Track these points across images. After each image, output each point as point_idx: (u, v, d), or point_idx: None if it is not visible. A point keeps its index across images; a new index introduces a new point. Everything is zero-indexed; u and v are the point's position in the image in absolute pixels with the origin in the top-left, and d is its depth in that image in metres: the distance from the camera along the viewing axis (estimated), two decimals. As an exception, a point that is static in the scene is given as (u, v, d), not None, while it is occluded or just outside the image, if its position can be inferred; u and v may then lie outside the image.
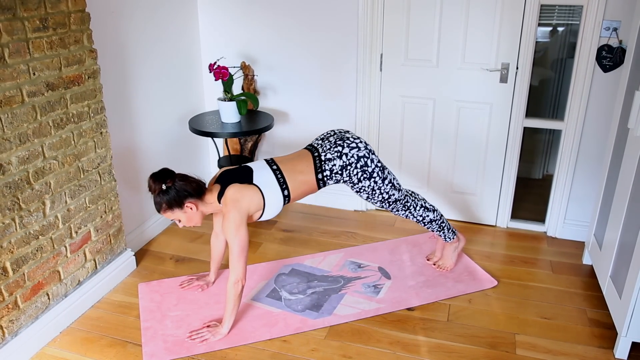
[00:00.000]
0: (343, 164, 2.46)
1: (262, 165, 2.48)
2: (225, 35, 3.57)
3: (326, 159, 2.47)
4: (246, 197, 2.35)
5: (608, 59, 2.88)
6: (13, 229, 2.18)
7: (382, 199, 2.59)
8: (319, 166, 2.47)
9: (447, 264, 2.93)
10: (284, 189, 2.44)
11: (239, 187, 2.37)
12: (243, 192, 2.35)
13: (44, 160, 2.29)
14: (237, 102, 3.22)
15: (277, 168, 2.46)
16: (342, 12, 3.26)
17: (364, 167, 2.47)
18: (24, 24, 2.10)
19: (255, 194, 2.38)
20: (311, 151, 2.53)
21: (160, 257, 3.12)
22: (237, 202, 2.33)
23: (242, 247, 2.32)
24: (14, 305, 2.24)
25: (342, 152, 2.46)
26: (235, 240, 2.31)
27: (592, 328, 2.51)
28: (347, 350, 2.37)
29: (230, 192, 2.36)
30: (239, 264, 2.33)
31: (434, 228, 2.81)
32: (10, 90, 2.08)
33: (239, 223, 2.31)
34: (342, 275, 2.92)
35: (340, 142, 2.49)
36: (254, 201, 2.37)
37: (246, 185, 2.38)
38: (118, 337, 2.44)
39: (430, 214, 2.75)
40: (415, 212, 2.73)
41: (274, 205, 2.44)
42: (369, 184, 2.51)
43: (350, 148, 2.47)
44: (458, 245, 2.94)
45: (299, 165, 2.47)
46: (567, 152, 3.15)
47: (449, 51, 3.18)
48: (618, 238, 2.45)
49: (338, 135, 2.56)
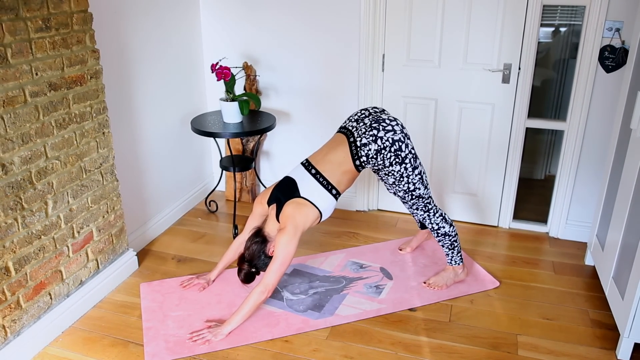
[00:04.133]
0: (378, 147, 2.40)
1: (302, 173, 2.47)
2: (227, 36, 3.58)
3: (362, 144, 2.41)
4: (302, 214, 2.39)
5: (610, 60, 2.88)
6: (15, 229, 2.18)
7: (407, 188, 2.53)
8: (355, 152, 2.42)
9: (440, 283, 2.77)
10: (331, 189, 2.44)
11: (297, 205, 2.40)
12: (300, 210, 2.39)
13: (46, 160, 2.30)
14: (239, 103, 3.22)
15: (316, 172, 2.45)
16: (344, 12, 3.26)
17: (397, 151, 2.41)
18: (26, 24, 2.11)
19: (311, 210, 2.41)
20: (346, 135, 2.48)
21: (162, 257, 3.12)
22: (294, 218, 2.38)
23: (284, 262, 2.35)
24: (16, 305, 2.24)
25: (378, 136, 2.39)
26: (281, 253, 2.34)
27: (594, 329, 2.51)
28: (349, 350, 2.37)
29: (288, 209, 2.40)
30: (274, 275, 2.35)
31: (445, 243, 2.72)
32: (12, 90, 2.08)
33: (292, 237, 2.35)
34: (344, 275, 2.92)
35: (376, 124, 2.42)
36: (310, 218, 2.41)
37: (302, 202, 2.40)
38: (120, 337, 2.45)
39: (447, 226, 2.68)
40: (433, 217, 2.65)
41: (328, 209, 2.48)
42: (398, 169, 2.46)
43: (385, 131, 2.40)
44: (460, 273, 2.81)
45: (336, 157, 2.45)
46: (569, 153, 3.15)
47: (451, 51, 3.18)
48: (620, 239, 2.44)
49: (373, 116, 2.48)
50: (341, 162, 2.44)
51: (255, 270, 2.47)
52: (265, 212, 2.56)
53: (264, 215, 2.57)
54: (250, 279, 2.48)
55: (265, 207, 2.55)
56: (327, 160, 2.46)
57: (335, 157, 2.45)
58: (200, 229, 3.45)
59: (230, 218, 3.61)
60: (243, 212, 3.65)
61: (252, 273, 2.47)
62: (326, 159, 2.47)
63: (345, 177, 2.47)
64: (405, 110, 3.40)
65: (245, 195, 3.84)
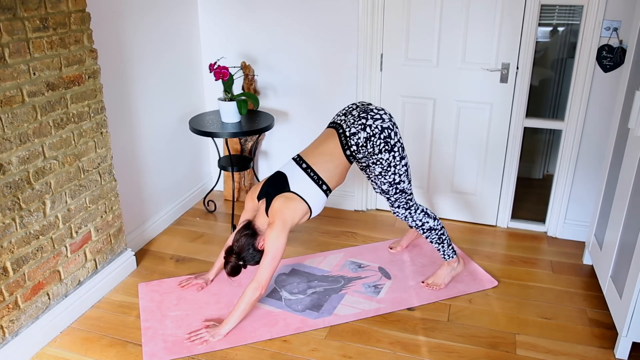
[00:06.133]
0: (367, 135, 2.42)
1: (293, 168, 2.48)
2: (225, 35, 3.57)
3: (351, 133, 2.43)
4: (290, 209, 2.38)
5: (608, 59, 2.88)
6: (13, 229, 2.18)
7: (392, 180, 2.53)
8: (345, 143, 2.43)
9: (439, 282, 2.77)
10: (321, 185, 2.44)
11: (285, 199, 2.40)
12: (288, 204, 2.39)
13: (44, 160, 2.29)
14: (237, 102, 3.22)
15: (307, 166, 2.45)
16: (342, 12, 3.26)
17: (387, 138, 2.43)
18: (24, 24, 2.10)
19: (299, 204, 2.40)
20: (335, 128, 2.49)
21: (161, 257, 3.12)
22: (282, 213, 2.37)
23: (275, 256, 2.35)
24: (15, 305, 2.24)
25: (366, 124, 2.42)
26: (272, 247, 2.34)
27: (592, 328, 2.51)
28: (347, 350, 2.37)
29: (277, 203, 2.39)
30: (267, 270, 2.35)
31: (432, 238, 2.72)
32: (10, 90, 2.08)
33: (281, 231, 2.34)
34: (342, 275, 2.92)
35: (364, 114, 2.44)
36: (298, 212, 2.41)
37: (291, 196, 2.40)
38: (118, 337, 2.44)
39: (431, 220, 2.68)
40: (415, 214, 2.67)
41: (318, 205, 2.48)
42: (387, 157, 2.47)
43: (374, 120, 2.42)
44: (456, 267, 2.81)
45: (327, 149, 2.46)
46: (567, 152, 3.15)
47: (450, 51, 3.18)
48: (618, 238, 2.44)
49: (361, 108, 2.50)
50: (332, 154, 2.45)
51: (243, 264, 2.44)
52: (256, 207, 2.56)
53: (255, 210, 2.56)
54: (237, 271, 2.45)
55: (256, 202, 2.54)
56: (318, 153, 2.46)
57: (326, 149, 2.46)
58: (198, 229, 3.45)
59: (229, 218, 3.61)
60: (241, 212, 3.64)
61: (239, 266, 2.44)
62: (317, 152, 2.47)
63: (337, 171, 2.47)
64: (404, 109, 3.40)
65: (244, 195, 3.84)
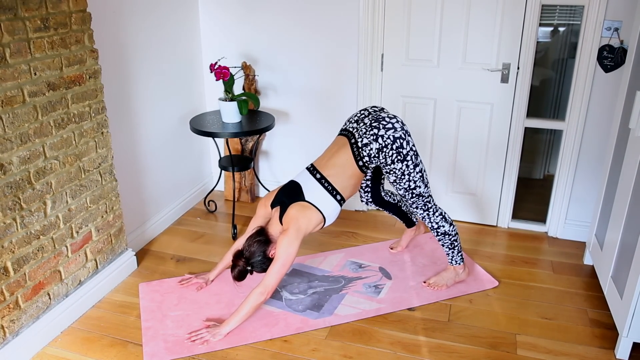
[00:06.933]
0: (379, 146, 2.40)
1: (307, 178, 2.48)
2: (226, 35, 3.57)
3: (363, 145, 2.42)
4: (306, 217, 2.39)
5: (609, 59, 2.88)
6: (14, 229, 2.18)
7: (407, 186, 2.52)
8: (357, 154, 2.43)
9: (440, 283, 2.77)
10: (335, 195, 2.45)
11: (301, 207, 2.41)
12: (304, 212, 2.39)
13: (45, 160, 2.30)
14: (238, 102, 3.22)
15: (321, 177, 2.46)
16: (343, 12, 3.26)
17: (399, 148, 2.42)
18: (25, 24, 2.10)
19: (314, 214, 2.41)
20: (347, 137, 2.49)
21: (161, 257, 3.12)
22: (297, 220, 2.38)
23: (286, 262, 2.35)
24: (15, 305, 2.24)
25: (378, 135, 2.40)
26: (283, 254, 2.34)
27: (593, 328, 2.51)
28: (348, 350, 2.37)
29: (292, 211, 2.40)
30: (274, 276, 2.35)
31: (445, 242, 2.71)
32: (11, 90, 2.08)
33: (294, 238, 2.35)
34: (342, 275, 2.92)
35: (376, 123, 2.43)
36: (313, 221, 2.41)
37: (307, 205, 2.41)
38: (119, 337, 2.44)
39: (447, 225, 2.67)
40: (432, 216, 2.64)
41: (332, 215, 2.48)
42: (400, 167, 2.46)
43: (386, 129, 2.41)
44: (461, 273, 2.80)
45: (339, 161, 2.46)
46: (568, 152, 3.15)
47: (450, 51, 3.18)
48: (619, 238, 2.44)
49: (373, 115, 2.48)
50: (345, 165, 2.45)
51: (250, 269, 2.45)
52: (268, 215, 2.57)
53: (267, 217, 2.57)
54: (243, 276, 2.45)
55: (269, 210, 2.55)
56: (332, 164, 2.47)
57: (338, 160, 2.46)
58: (199, 229, 3.45)
59: (229, 218, 3.61)
60: (242, 212, 3.65)
61: (247, 271, 2.44)
62: (330, 163, 2.47)
63: (351, 182, 2.48)
64: (404, 110, 3.40)
65: (244, 195, 3.84)
